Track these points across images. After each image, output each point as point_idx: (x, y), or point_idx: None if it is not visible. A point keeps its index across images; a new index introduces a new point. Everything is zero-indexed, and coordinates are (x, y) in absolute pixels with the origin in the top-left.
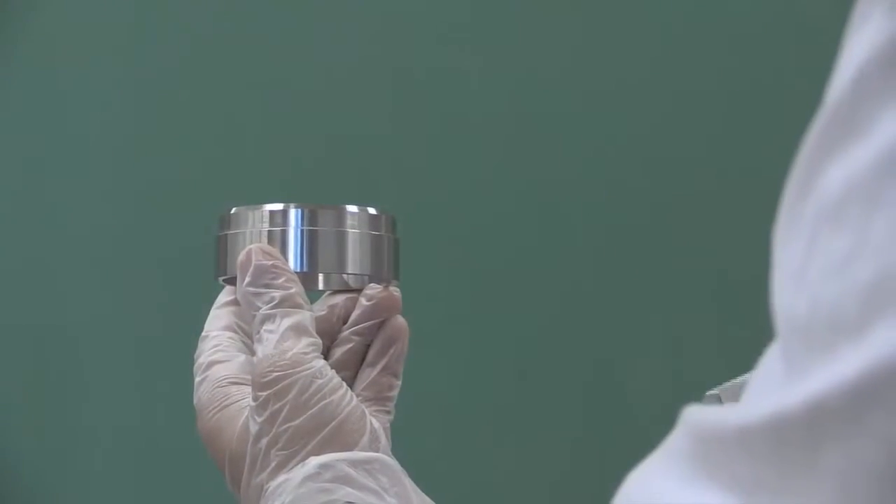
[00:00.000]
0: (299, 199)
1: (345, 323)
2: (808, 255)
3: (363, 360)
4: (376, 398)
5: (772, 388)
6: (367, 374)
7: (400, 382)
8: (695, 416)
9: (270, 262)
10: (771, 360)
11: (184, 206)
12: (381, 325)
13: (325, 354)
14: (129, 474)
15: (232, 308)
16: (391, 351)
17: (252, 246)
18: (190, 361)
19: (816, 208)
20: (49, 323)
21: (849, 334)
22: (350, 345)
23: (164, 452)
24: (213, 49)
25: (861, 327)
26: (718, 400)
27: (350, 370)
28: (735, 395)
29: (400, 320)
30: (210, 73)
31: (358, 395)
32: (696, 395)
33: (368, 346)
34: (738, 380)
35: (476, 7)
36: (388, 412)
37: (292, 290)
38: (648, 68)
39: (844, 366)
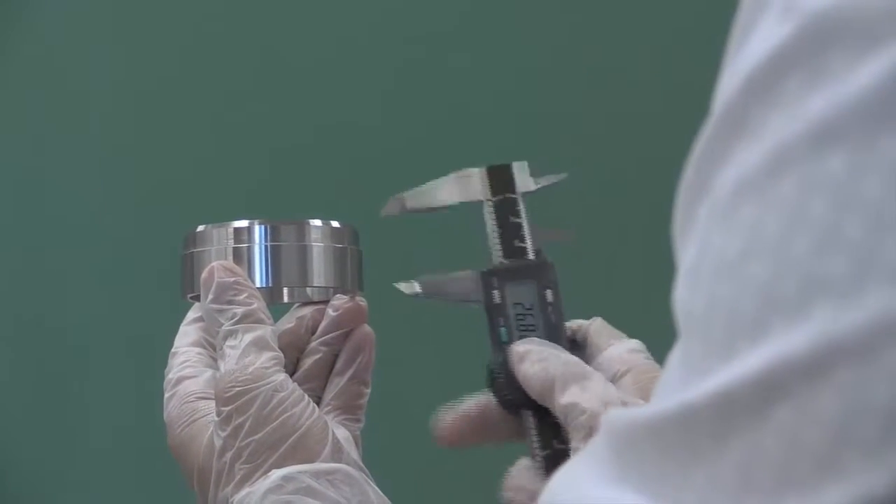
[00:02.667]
0: (299, 207)
1: (313, 334)
2: (702, 255)
3: (332, 369)
4: (346, 406)
5: (676, 384)
6: (336, 384)
7: (369, 390)
8: (611, 416)
9: (232, 279)
10: (674, 359)
11: (179, 208)
12: (348, 335)
13: (295, 365)
14: (129, 474)
15: (200, 324)
16: (358, 359)
17: (214, 263)
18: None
19: (709, 209)
20: (50, 326)
21: (748, 331)
22: (318, 355)
23: (163, 452)
24: (205, 54)
25: (759, 326)
26: None
27: (319, 380)
28: None
29: (366, 329)
30: (214, 76)
31: (327, 405)
32: None
33: (337, 356)
34: None
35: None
36: (357, 420)
37: (254, 306)
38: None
39: (748, 361)
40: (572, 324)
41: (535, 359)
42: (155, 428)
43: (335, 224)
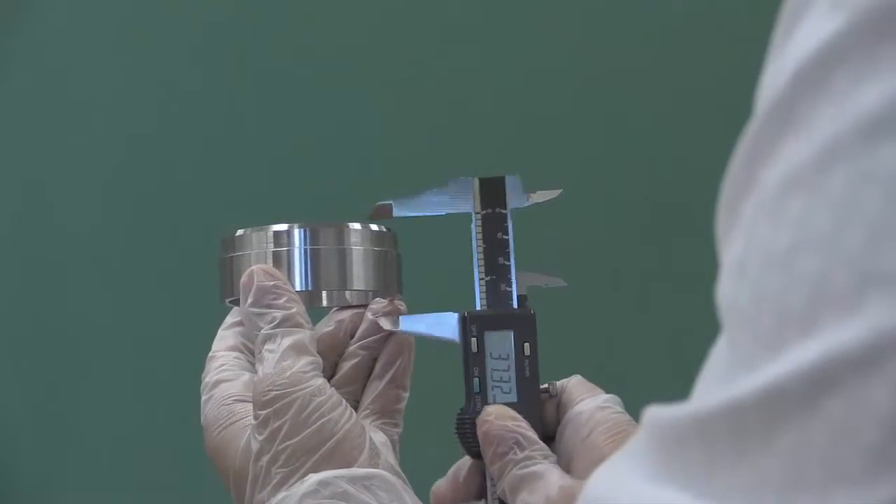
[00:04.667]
0: (316, 212)
1: (352, 337)
2: (748, 249)
3: (370, 373)
4: (384, 411)
5: (723, 378)
6: (375, 387)
7: (407, 394)
8: (653, 412)
9: (272, 283)
10: (718, 351)
11: (183, 211)
12: (386, 339)
13: (333, 369)
14: (129, 477)
15: (238, 329)
16: (397, 363)
17: (254, 267)
18: (191, 366)
19: (756, 203)
20: (50, 326)
21: (798, 325)
22: (357, 359)
23: (164, 455)
24: (215, 54)
25: (811, 318)
26: None
27: (358, 384)
28: None
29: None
30: (220, 79)
31: (365, 409)
32: None
33: (375, 360)
34: None
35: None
36: (395, 424)
37: (293, 310)
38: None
39: (798, 355)
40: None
41: (495, 441)
42: (156, 430)
43: (375, 227)
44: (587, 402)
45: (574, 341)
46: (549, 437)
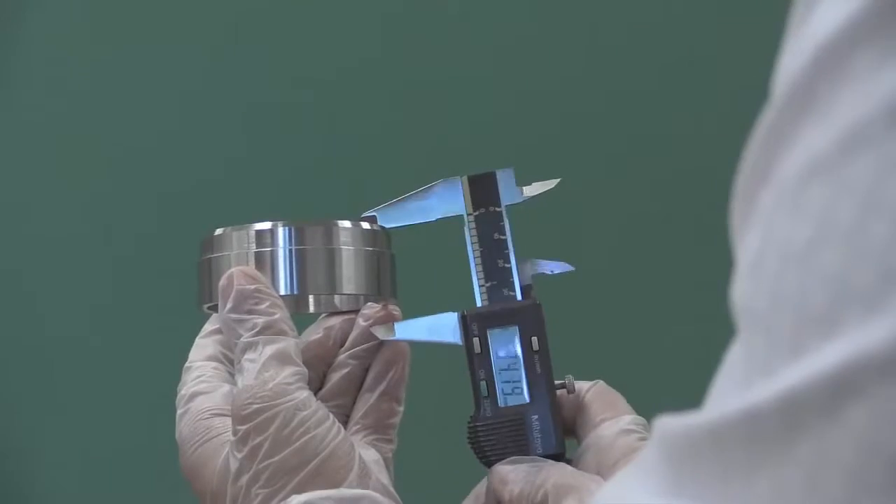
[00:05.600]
0: (296, 212)
1: (342, 346)
2: (766, 245)
3: (362, 385)
4: (376, 426)
5: (737, 384)
6: (366, 400)
7: (402, 408)
8: (664, 423)
9: (253, 287)
10: (733, 356)
11: (160, 210)
12: (379, 347)
13: (322, 380)
14: (101, 498)
15: (217, 337)
16: (390, 374)
17: (234, 269)
18: (166, 378)
19: (773, 195)
20: (27, 345)
21: (819, 326)
22: (347, 369)
23: (138, 473)
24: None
25: (832, 319)
26: None
27: (348, 397)
28: None
29: (400, 342)
30: (202, 79)
31: (356, 423)
32: None
33: (367, 370)
34: None
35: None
36: (389, 441)
37: (276, 316)
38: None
39: (820, 358)
40: (577, 383)
41: (518, 479)
42: (126, 447)
43: (366, 225)
44: (609, 425)
45: (587, 332)
46: (567, 434)
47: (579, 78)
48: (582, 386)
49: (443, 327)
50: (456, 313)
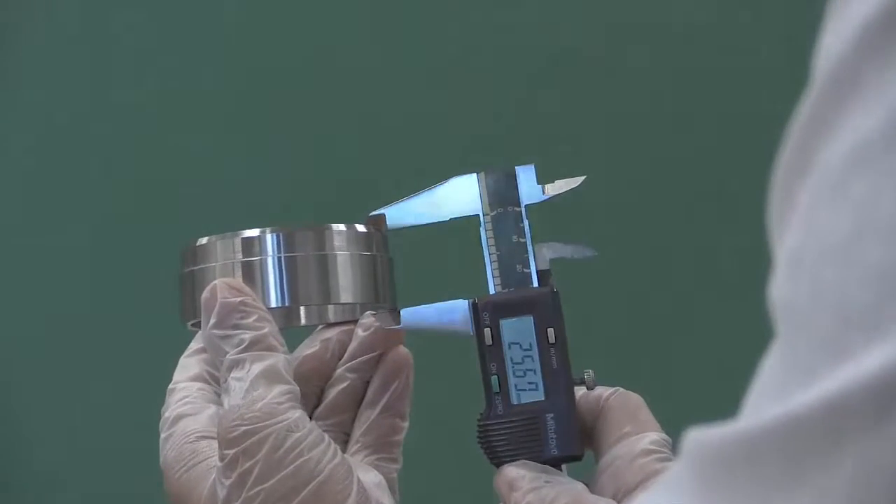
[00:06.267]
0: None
1: (340, 359)
2: (806, 239)
3: (362, 400)
4: (378, 444)
5: (776, 391)
6: (367, 417)
7: (406, 424)
8: (695, 437)
9: (238, 299)
10: (771, 360)
11: (143, 220)
12: (380, 359)
13: (319, 397)
14: None
15: (203, 356)
16: (393, 387)
17: (217, 281)
18: (149, 400)
19: (815, 186)
20: None
21: (863, 326)
22: (346, 383)
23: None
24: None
25: (877, 318)
26: None
27: (347, 413)
28: None
29: (402, 352)
30: (180, 74)
31: (357, 442)
32: None
33: (367, 384)
34: None
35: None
36: (393, 460)
37: (264, 331)
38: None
39: (864, 361)
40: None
41: (527, 488)
42: (108, 475)
43: (361, 228)
44: (630, 443)
45: (603, 326)
46: (586, 434)
47: (602, 65)
48: (602, 392)
49: (453, 316)
50: (467, 300)
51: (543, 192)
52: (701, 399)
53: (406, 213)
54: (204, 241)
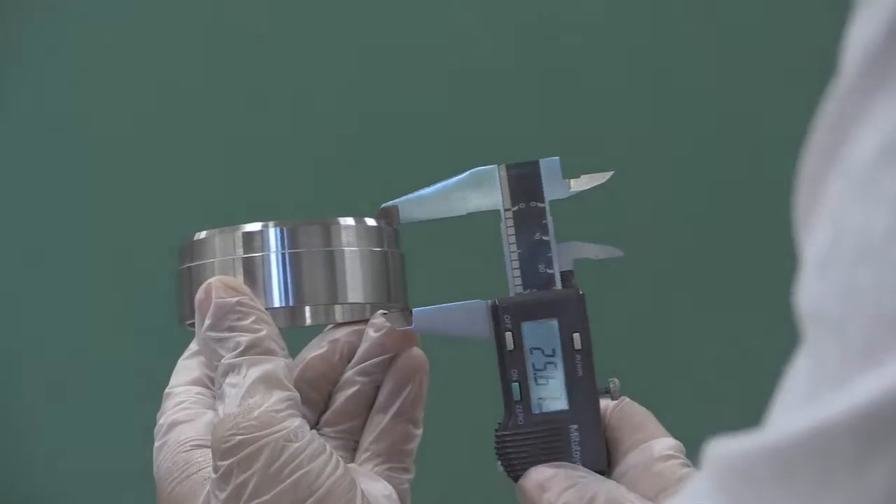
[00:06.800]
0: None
1: (349, 362)
2: (837, 238)
3: (372, 405)
4: (390, 452)
5: (804, 398)
6: (378, 423)
7: (420, 431)
8: (718, 448)
9: (235, 299)
10: (799, 367)
11: (139, 215)
12: (392, 361)
13: (326, 402)
14: None
15: (203, 358)
16: (406, 392)
17: (212, 279)
18: (145, 404)
19: (845, 180)
20: None
21: None
22: (355, 388)
23: None
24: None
25: None
26: None
27: (357, 419)
28: None
29: (416, 353)
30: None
31: (366, 450)
32: None
33: (378, 389)
34: None
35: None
36: (405, 469)
37: (262, 333)
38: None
39: None
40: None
41: (561, 487)
42: (100, 483)
43: (371, 222)
44: (642, 450)
45: (622, 330)
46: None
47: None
48: (604, 406)
49: (470, 318)
50: (486, 301)
51: (569, 188)
52: (720, 407)
53: (420, 206)
54: (202, 235)
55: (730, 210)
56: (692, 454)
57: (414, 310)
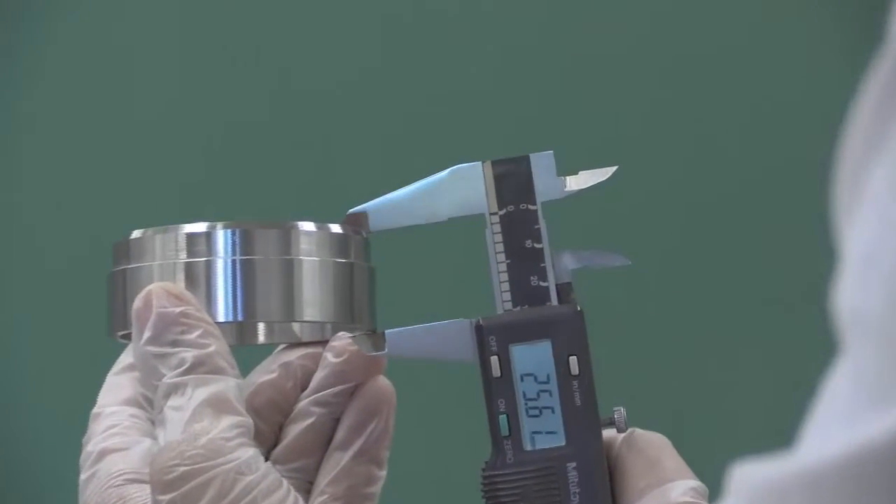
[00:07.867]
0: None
1: (303, 389)
2: (882, 236)
3: (330, 441)
4: (349, 495)
5: (843, 416)
6: (336, 462)
7: (384, 473)
8: (746, 473)
9: (179, 309)
10: (838, 379)
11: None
12: (354, 392)
13: (277, 434)
14: None
15: (137, 374)
16: (370, 428)
17: (153, 286)
18: (67, 426)
19: (891, 174)
20: None
21: None
22: (310, 420)
23: None
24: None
25: None
26: None
27: (312, 456)
28: None
29: (383, 384)
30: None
31: (322, 493)
32: None
33: (338, 422)
34: None
35: None
36: None
37: (210, 349)
38: None
39: None
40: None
41: None
42: None
43: (336, 228)
44: (655, 497)
45: (628, 350)
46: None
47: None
48: (611, 438)
49: (451, 340)
50: (469, 321)
51: (565, 187)
52: (746, 440)
53: (394, 210)
54: (139, 234)
55: (753, 215)
56: (715, 495)
57: (387, 332)
